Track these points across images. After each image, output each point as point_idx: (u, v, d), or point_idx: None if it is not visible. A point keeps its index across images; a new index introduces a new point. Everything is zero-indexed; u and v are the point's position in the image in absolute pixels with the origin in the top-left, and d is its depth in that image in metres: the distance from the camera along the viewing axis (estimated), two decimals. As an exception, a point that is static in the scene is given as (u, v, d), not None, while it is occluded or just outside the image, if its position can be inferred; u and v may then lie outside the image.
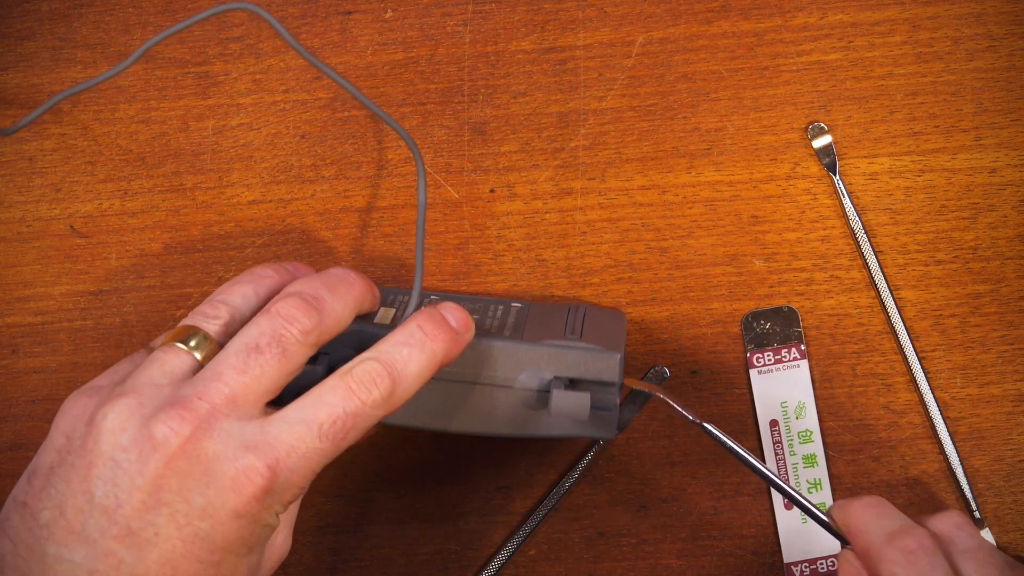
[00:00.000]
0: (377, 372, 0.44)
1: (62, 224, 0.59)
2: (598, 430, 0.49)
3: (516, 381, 0.49)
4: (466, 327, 0.48)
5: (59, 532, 0.41)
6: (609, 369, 0.49)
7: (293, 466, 0.42)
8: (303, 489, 0.43)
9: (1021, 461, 0.56)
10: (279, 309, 0.45)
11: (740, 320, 0.57)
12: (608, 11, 0.58)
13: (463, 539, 0.57)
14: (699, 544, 0.57)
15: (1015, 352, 0.56)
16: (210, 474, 0.41)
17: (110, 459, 0.41)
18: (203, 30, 0.59)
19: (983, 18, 0.57)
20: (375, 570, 0.57)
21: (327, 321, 0.45)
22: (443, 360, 0.46)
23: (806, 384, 0.56)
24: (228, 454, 0.41)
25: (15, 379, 0.58)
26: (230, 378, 0.43)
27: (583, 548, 0.57)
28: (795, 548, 0.56)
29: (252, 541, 0.42)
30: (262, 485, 0.41)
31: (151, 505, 0.41)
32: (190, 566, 0.41)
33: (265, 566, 0.46)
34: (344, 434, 0.43)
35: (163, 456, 0.41)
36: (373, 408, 0.44)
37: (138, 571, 0.41)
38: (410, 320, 0.46)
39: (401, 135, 0.53)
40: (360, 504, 0.57)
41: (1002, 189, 0.57)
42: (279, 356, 0.44)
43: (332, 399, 0.43)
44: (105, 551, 0.41)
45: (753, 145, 0.57)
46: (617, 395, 0.49)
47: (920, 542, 0.47)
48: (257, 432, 0.42)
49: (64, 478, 0.42)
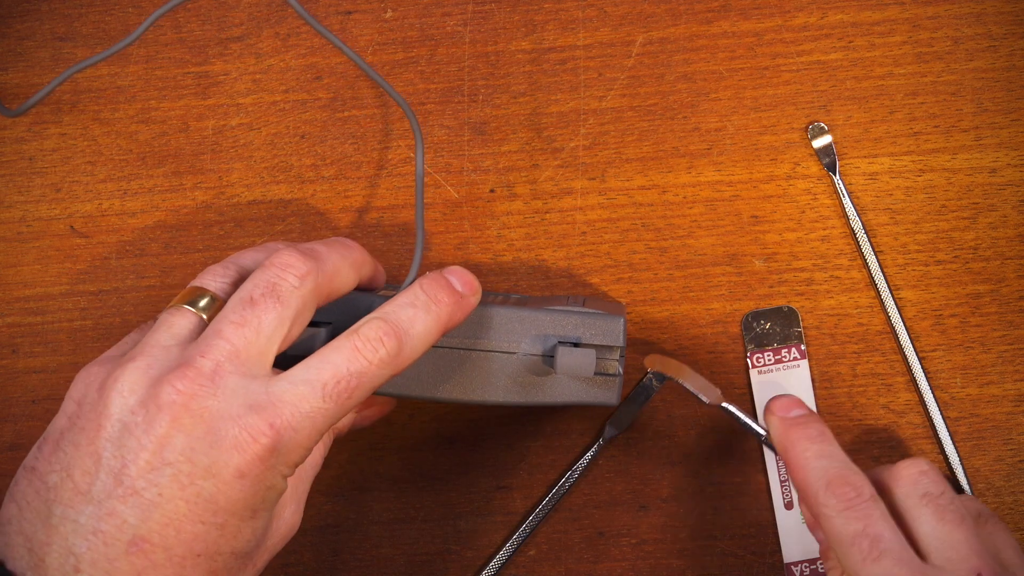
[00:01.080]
0: (383, 331, 0.44)
1: (62, 224, 0.59)
2: (602, 394, 0.50)
3: (521, 347, 0.49)
4: (472, 290, 0.48)
5: (66, 493, 0.41)
6: (613, 332, 0.49)
7: (297, 426, 0.42)
8: (308, 450, 0.43)
9: (1021, 461, 0.56)
10: (272, 259, 0.45)
11: (740, 320, 0.57)
12: (608, 11, 0.58)
13: (463, 539, 0.57)
14: (699, 544, 0.57)
15: (1015, 352, 0.56)
16: (214, 433, 0.41)
17: (118, 421, 0.42)
18: (203, 30, 0.59)
19: (983, 18, 0.57)
20: (375, 570, 0.57)
21: (325, 267, 0.46)
22: (448, 322, 0.46)
23: (806, 384, 0.56)
24: (232, 413, 0.42)
25: (15, 379, 0.58)
26: (230, 333, 0.43)
27: (583, 548, 0.57)
28: (795, 548, 0.56)
29: (256, 504, 0.42)
30: (266, 445, 0.41)
31: (155, 465, 0.41)
32: (193, 527, 0.41)
33: (274, 537, 0.45)
34: (349, 394, 0.43)
35: (169, 416, 0.41)
36: (379, 367, 0.44)
37: (141, 531, 0.41)
38: (415, 283, 0.46)
39: (394, 97, 0.53)
40: (360, 504, 0.57)
41: (1002, 189, 0.57)
42: (275, 304, 0.44)
43: (337, 359, 0.43)
44: (109, 511, 0.41)
45: (753, 145, 0.57)
46: (622, 360, 0.49)
47: (858, 490, 0.47)
48: (261, 392, 0.42)
49: (73, 442, 0.42)
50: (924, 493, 0.47)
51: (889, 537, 0.46)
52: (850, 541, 0.46)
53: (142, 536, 0.41)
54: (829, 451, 0.49)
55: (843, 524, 0.46)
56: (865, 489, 0.47)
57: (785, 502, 0.56)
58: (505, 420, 0.57)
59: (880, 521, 0.46)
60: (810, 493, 0.48)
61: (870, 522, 0.46)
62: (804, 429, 0.49)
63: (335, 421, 0.43)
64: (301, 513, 0.47)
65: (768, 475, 0.56)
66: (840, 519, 0.46)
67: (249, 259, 0.48)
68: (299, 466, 0.44)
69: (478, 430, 0.57)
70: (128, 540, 0.41)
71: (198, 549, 0.41)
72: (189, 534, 0.41)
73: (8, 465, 0.57)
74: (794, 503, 0.56)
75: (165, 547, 0.41)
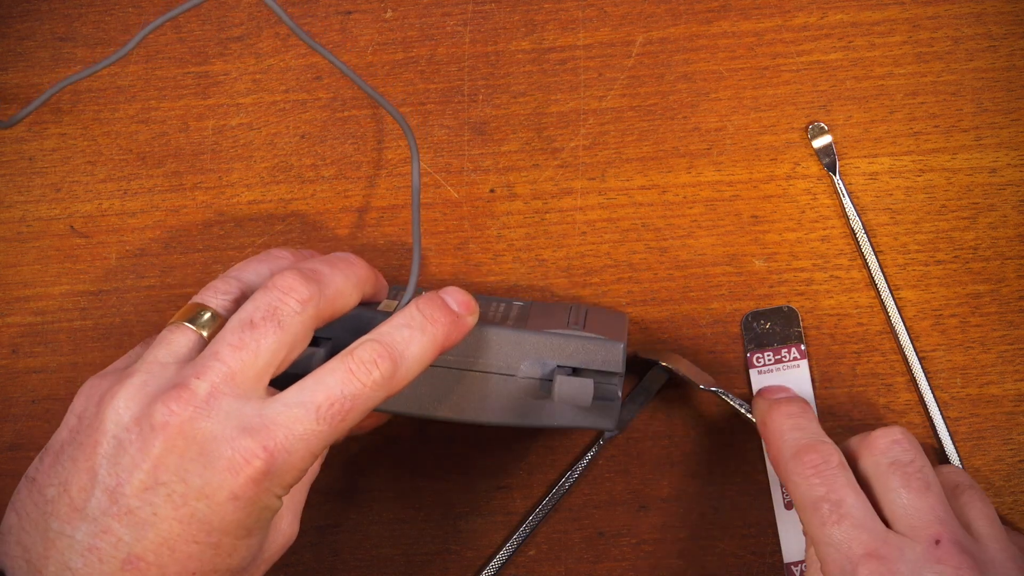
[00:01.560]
0: (377, 353, 0.44)
1: (62, 224, 0.59)
2: (600, 420, 0.50)
3: (519, 369, 0.49)
4: (469, 310, 0.47)
5: (63, 508, 0.42)
6: (613, 358, 0.49)
7: (291, 448, 0.42)
8: (303, 472, 0.43)
9: (1021, 461, 0.56)
10: (275, 282, 0.45)
11: (740, 320, 0.57)
12: (608, 11, 0.58)
13: (463, 539, 0.57)
14: (699, 544, 0.57)
15: (1015, 352, 0.56)
16: (207, 455, 0.41)
17: (114, 438, 0.42)
18: (203, 30, 0.59)
19: (983, 18, 0.57)
20: (375, 570, 0.57)
21: (327, 292, 0.45)
22: (444, 342, 0.46)
23: (806, 384, 0.56)
24: (226, 435, 0.42)
25: (15, 379, 0.58)
26: (227, 356, 0.43)
27: (583, 548, 0.57)
28: (795, 548, 0.56)
29: (250, 524, 0.42)
30: (259, 468, 0.41)
31: (149, 485, 0.41)
32: (187, 547, 0.41)
33: (270, 549, 0.45)
34: (343, 416, 0.43)
35: (163, 437, 0.41)
36: (373, 390, 0.44)
37: (136, 550, 0.41)
38: (411, 303, 0.46)
39: (389, 111, 0.53)
40: (360, 504, 0.57)
41: (1002, 189, 0.57)
42: (275, 329, 0.43)
43: (331, 381, 0.43)
44: (104, 529, 0.41)
45: (753, 145, 0.57)
46: (620, 385, 0.49)
47: (824, 457, 0.48)
48: (255, 414, 0.42)
49: (71, 456, 0.43)
50: (893, 461, 0.48)
51: (851, 502, 0.47)
52: (813, 506, 0.47)
53: (137, 555, 0.41)
54: (803, 424, 0.50)
55: (808, 489, 0.47)
56: (832, 457, 0.48)
57: (785, 502, 0.56)
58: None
59: (844, 487, 0.47)
60: (780, 463, 0.49)
61: (833, 487, 0.47)
62: (784, 406, 0.51)
63: (329, 443, 0.43)
64: (298, 523, 0.47)
65: (768, 475, 0.56)
66: (805, 485, 0.48)
67: (251, 272, 0.48)
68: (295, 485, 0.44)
69: (478, 430, 0.57)
70: (123, 558, 0.41)
71: (193, 568, 0.42)
72: (183, 554, 0.41)
73: (8, 465, 0.57)
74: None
75: (160, 566, 0.41)
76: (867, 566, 0.45)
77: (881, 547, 0.45)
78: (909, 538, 0.46)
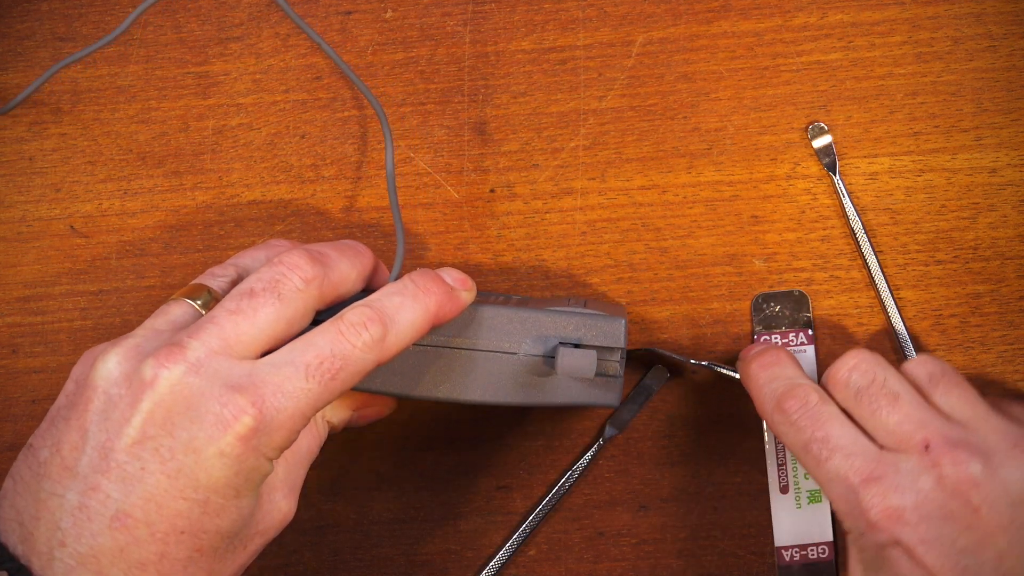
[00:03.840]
0: (368, 316, 0.44)
1: (62, 224, 0.59)
2: (603, 395, 0.50)
3: (522, 348, 0.49)
4: (464, 285, 0.48)
5: (55, 469, 0.42)
6: (614, 333, 0.49)
7: (280, 406, 0.42)
8: (293, 433, 0.43)
9: (1021, 461, 0.56)
10: (282, 258, 0.45)
11: (741, 318, 0.57)
12: (608, 11, 0.58)
13: (463, 539, 0.57)
14: (699, 544, 0.57)
15: (1015, 352, 0.56)
16: (195, 409, 0.41)
17: (103, 393, 0.42)
18: (203, 30, 0.59)
19: (983, 18, 0.57)
20: (375, 570, 0.57)
21: (331, 275, 0.46)
22: (438, 313, 0.46)
23: (811, 370, 0.56)
24: (214, 392, 0.42)
25: (15, 379, 0.58)
26: (223, 319, 0.43)
27: (583, 548, 0.57)
28: (786, 533, 0.56)
29: (239, 484, 0.42)
30: (248, 424, 0.41)
31: (138, 439, 0.41)
32: (175, 503, 0.41)
33: (264, 522, 0.45)
34: (333, 375, 0.43)
35: (153, 393, 0.41)
36: (363, 351, 0.44)
37: (124, 506, 0.41)
38: (405, 276, 0.47)
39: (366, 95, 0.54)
40: (360, 504, 0.57)
41: (1002, 189, 0.57)
42: (274, 300, 0.44)
43: (321, 341, 0.43)
44: (94, 486, 0.41)
45: (753, 145, 0.57)
46: (622, 361, 0.49)
47: (802, 400, 0.49)
48: (244, 373, 0.42)
49: (64, 417, 0.43)
50: (856, 391, 0.49)
51: (838, 434, 0.48)
52: (804, 449, 0.48)
53: (124, 511, 0.41)
54: (778, 373, 0.51)
55: (795, 436, 0.48)
56: (811, 397, 0.49)
57: (781, 485, 0.56)
58: (505, 420, 0.57)
59: (828, 422, 0.48)
60: (766, 417, 0.50)
61: (817, 425, 0.48)
62: (759, 358, 0.52)
63: (321, 404, 0.43)
64: (295, 501, 0.47)
65: (768, 475, 0.56)
66: (792, 432, 0.48)
67: (249, 258, 0.49)
68: (286, 450, 0.44)
69: (478, 430, 0.57)
70: (111, 515, 0.41)
71: (181, 526, 0.41)
72: (171, 510, 0.41)
73: (8, 465, 0.57)
74: (789, 487, 0.56)
75: (147, 523, 0.41)
76: (868, 491, 0.46)
77: (876, 468, 0.46)
78: (901, 452, 0.47)
